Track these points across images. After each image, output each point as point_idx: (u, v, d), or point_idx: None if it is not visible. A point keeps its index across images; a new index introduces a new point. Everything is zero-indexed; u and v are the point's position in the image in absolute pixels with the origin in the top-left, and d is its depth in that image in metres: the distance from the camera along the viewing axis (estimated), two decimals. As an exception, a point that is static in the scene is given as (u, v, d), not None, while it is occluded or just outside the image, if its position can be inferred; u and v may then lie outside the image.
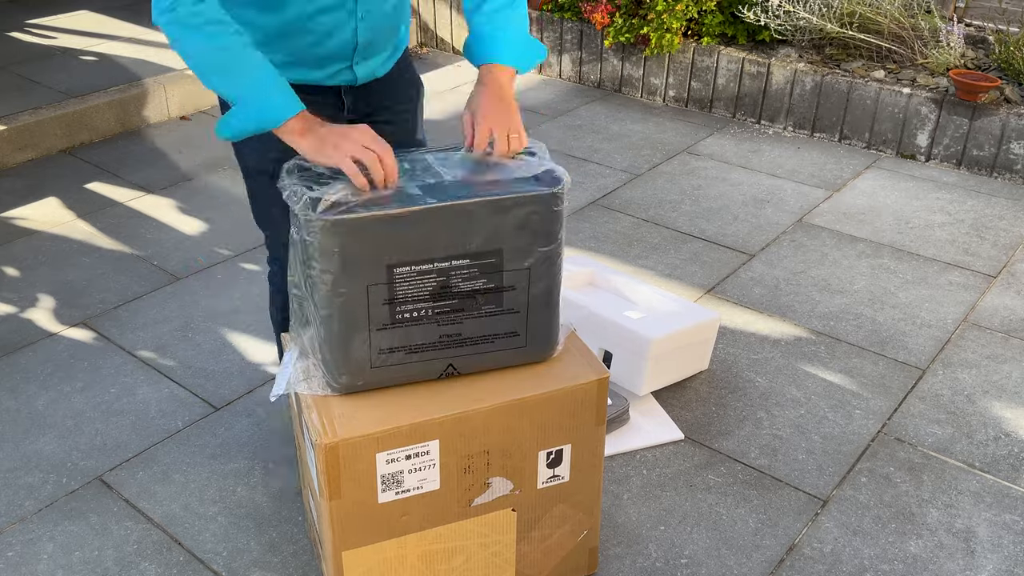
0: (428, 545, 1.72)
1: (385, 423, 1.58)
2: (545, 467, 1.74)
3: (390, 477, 1.62)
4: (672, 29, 4.18)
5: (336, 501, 1.60)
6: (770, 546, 2.06)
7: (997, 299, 2.96)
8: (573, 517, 1.84)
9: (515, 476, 1.72)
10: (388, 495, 1.63)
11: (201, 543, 2.05)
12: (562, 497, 1.79)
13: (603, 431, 1.76)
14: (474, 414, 1.63)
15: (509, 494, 1.73)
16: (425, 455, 1.62)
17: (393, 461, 1.60)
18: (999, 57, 3.95)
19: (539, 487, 1.76)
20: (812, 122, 4.12)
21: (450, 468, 1.66)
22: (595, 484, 1.82)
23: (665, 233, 3.33)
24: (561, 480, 1.77)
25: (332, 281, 1.51)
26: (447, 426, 1.61)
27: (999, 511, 2.16)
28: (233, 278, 3.02)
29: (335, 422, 1.58)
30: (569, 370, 1.72)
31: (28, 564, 1.99)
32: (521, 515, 1.77)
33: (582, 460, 1.77)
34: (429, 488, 1.66)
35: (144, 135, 4.09)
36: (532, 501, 1.77)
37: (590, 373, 1.71)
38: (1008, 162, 3.73)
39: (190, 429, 2.37)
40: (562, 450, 1.74)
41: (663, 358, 2.41)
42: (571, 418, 1.71)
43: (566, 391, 1.68)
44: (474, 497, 1.71)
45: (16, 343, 2.70)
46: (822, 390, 2.54)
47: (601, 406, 1.73)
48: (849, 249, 3.23)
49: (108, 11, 5.28)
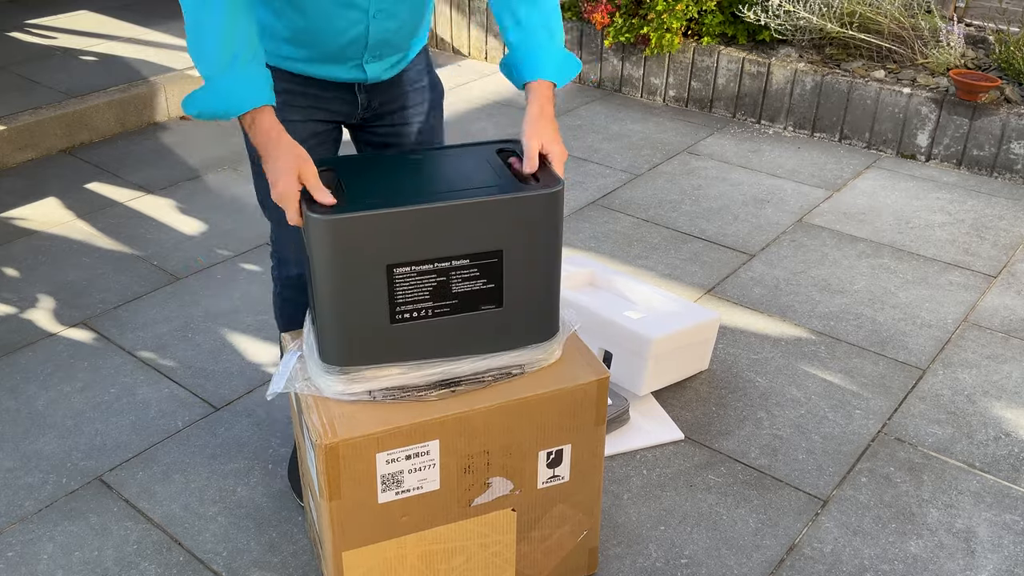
0: (428, 545, 1.72)
1: (385, 423, 1.58)
2: (545, 467, 1.74)
3: (390, 477, 1.61)
4: (672, 29, 4.18)
5: (336, 501, 1.60)
6: (770, 546, 2.06)
7: (997, 299, 2.96)
8: (573, 517, 1.84)
9: (515, 476, 1.72)
10: (388, 495, 1.63)
11: (201, 543, 2.04)
12: (562, 497, 1.79)
13: (603, 431, 1.76)
14: (474, 414, 1.63)
15: (509, 494, 1.73)
16: (425, 455, 1.62)
17: (393, 461, 1.60)
18: (999, 57, 3.95)
19: (539, 487, 1.75)
20: (812, 122, 4.12)
21: (450, 468, 1.65)
22: (595, 484, 1.82)
23: (665, 233, 3.33)
24: (561, 480, 1.77)
25: (331, 279, 1.51)
26: (447, 426, 1.61)
27: (999, 511, 2.16)
28: (233, 278, 3.02)
29: (335, 422, 1.58)
30: (569, 370, 1.72)
31: (28, 564, 1.99)
32: (521, 515, 1.77)
33: (582, 460, 1.77)
34: (429, 488, 1.66)
35: (144, 135, 4.09)
36: (532, 501, 1.77)
37: (590, 373, 1.71)
38: (1008, 162, 3.73)
39: (190, 429, 2.37)
40: (562, 450, 1.74)
41: (663, 358, 2.41)
42: (571, 418, 1.71)
43: (566, 391, 1.68)
44: (474, 497, 1.71)
45: (16, 343, 2.70)
46: (822, 390, 2.54)
47: (601, 406, 1.73)
48: (849, 249, 3.23)
49: (108, 11, 5.28)
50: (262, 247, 3.19)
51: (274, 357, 2.63)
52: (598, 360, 1.75)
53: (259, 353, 2.66)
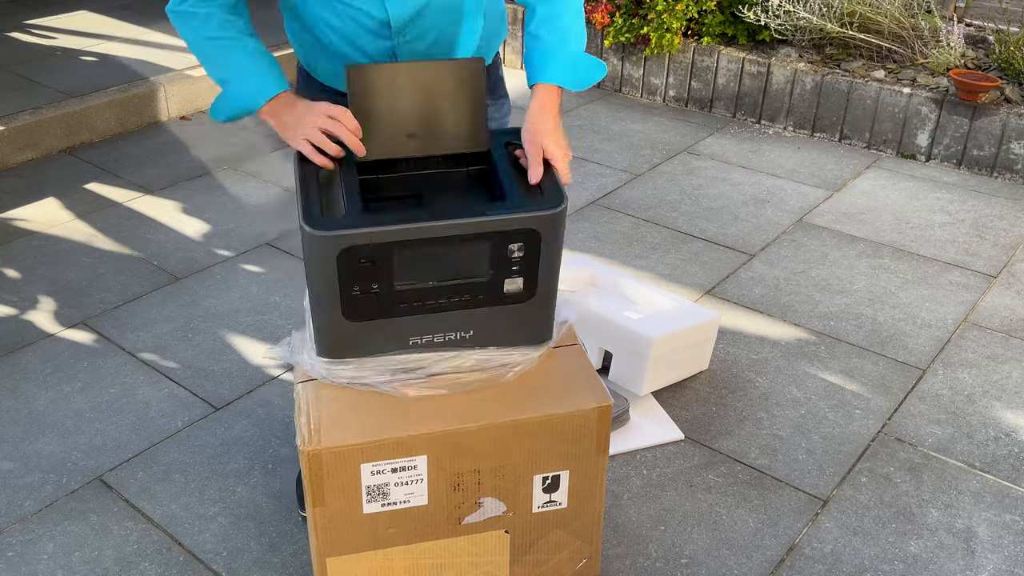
0: (416, 559, 1.68)
1: (371, 434, 1.55)
2: (541, 492, 1.68)
3: (375, 488, 1.58)
4: (672, 29, 4.18)
5: (320, 508, 1.58)
6: (770, 546, 2.06)
7: (997, 299, 2.96)
8: (571, 544, 1.77)
9: (508, 498, 1.66)
10: (374, 506, 1.60)
11: (201, 543, 2.04)
12: (560, 523, 1.73)
13: (605, 459, 1.68)
14: (464, 432, 1.57)
15: (502, 515, 1.68)
16: (412, 469, 1.58)
17: (379, 473, 1.57)
18: (999, 57, 3.95)
19: (534, 511, 1.69)
20: (812, 122, 4.12)
21: (439, 484, 1.61)
22: (595, 511, 1.74)
23: (665, 233, 3.33)
24: (559, 506, 1.70)
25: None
26: (435, 442, 1.57)
27: (999, 511, 2.16)
28: (233, 278, 3.02)
29: (321, 428, 1.55)
30: (568, 395, 1.64)
31: (28, 564, 1.99)
32: (515, 538, 1.71)
33: (581, 487, 1.70)
34: (417, 503, 1.62)
35: (144, 135, 4.09)
36: (527, 524, 1.71)
37: (591, 400, 1.63)
38: (1008, 162, 3.73)
39: (190, 429, 2.37)
40: (559, 476, 1.67)
41: (663, 358, 2.41)
42: (569, 444, 1.64)
43: (562, 417, 1.61)
44: (464, 516, 1.66)
45: (16, 343, 2.70)
46: (822, 390, 2.54)
47: (603, 434, 1.64)
48: (849, 249, 3.23)
49: (108, 11, 5.28)
50: (262, 247, 3.19)
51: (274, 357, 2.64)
52: (603, 386, 1.67)
53: (259, 353, 2.66)
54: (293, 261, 3.11)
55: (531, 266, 1.57)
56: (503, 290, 1.58)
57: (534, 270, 1.58)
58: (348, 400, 1.61)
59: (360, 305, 1.53)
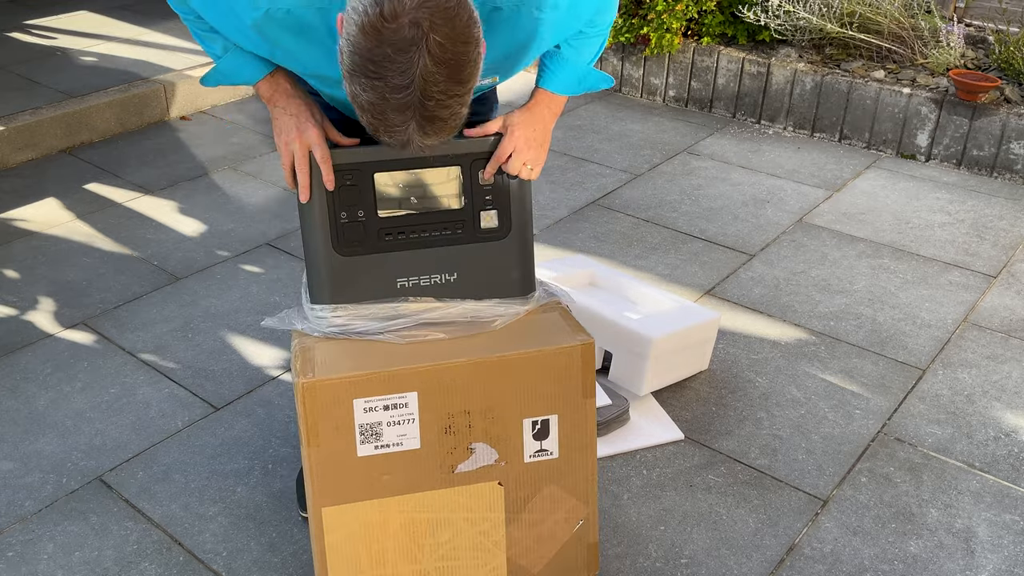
0: (412, 513, 1.72)
1: (363, 369, 1.62)
2: (531, 438, 1.73)
3: (368, 428, 1.64)
4: (672, 29, 4.18)
5: (315, 448, 1.63)
6: (770, 546, 2.06)
7: (997, 299, 2.96)
8: (566, 502, 1.81)
9: (499, 444, 1.72)
10: (367, 448, 1.65)
11: (201, 543, 2.05)
12: (552, 477, 1.78)
13: (592, 405, 1.75)
14: (453, 367, 1.65)
15: (494, 464, 1.73)
16: (404, 407, 1.64)
17: (371, 411, 1.63)
18: (999, 57, 3.95)
19: (526, 460, 1.75)
20: (812, 122, 4.12)
21: (430, 426, 1.67)
22: (588, 465, 1.79)
23: (665, 233, 3.33)
24: (550, 455, 1.76)
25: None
26: (425, 377, 1.64)
27: (999, 511, 2.16)
28: (233, 278, 3.02)
29: (316, 368, 1.63)
30: (552, 335, 1.72)
31: (28, 564, 1.99)
32: (509, 491, 1.76)
33: (571, 436, 1.76)
34: (409, 446, 1.67)
35: (144, 135, 4.09)
36: (520, 476, 1.76)
37: (573, 339, 1.71)
38: (1008, 162, 3.73)
39: (190, 429, 2.37)
40: (548, 420, 1.73)
41: (663, 358, 2.41)
42: (555, 384, 1.71)
43: (548, 353, 1.69)
44: (457, 463, 1.71)
45: (16, 343, 2.70)
46: (822, 390, 2.54)
47: (587, 377, 1.72)
48: (849, 249, 3.23)
49: (108, 11, 5.28)
50: (262, 247, 3.19)
51: (274, 357, 2.63)
52: (585, 330, 1.74)
53: (259, 353, 2.66)
54: (293, 261, 3.11)
55: (502, 197, 1.70)
56: (480, 225, 1.71)
57: (506, 201, 1.71)
58: (341, 347, 1.69)
59: (348, 235, 1.67)
